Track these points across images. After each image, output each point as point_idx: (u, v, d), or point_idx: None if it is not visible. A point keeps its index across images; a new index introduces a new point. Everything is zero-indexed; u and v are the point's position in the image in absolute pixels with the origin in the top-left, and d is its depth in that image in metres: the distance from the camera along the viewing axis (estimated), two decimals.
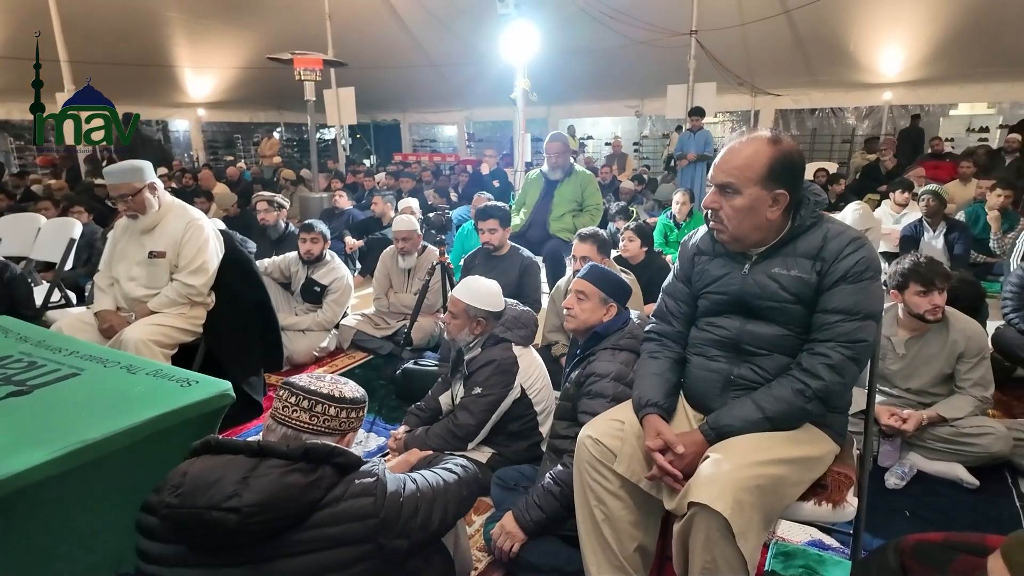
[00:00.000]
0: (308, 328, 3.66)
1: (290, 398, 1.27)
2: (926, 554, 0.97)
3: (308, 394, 1.28)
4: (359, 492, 1.18)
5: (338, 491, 1.17)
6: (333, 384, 1.32)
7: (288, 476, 1.13)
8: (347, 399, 1.32)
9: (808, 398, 1.38)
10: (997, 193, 5.13)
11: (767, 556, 1.94)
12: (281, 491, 1.11)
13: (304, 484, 1.14)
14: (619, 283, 2.04)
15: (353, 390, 1.35)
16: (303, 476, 1.14)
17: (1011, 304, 3.19)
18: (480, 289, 2.31)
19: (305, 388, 1.29)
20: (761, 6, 8.40)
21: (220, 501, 1.08)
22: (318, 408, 1.28)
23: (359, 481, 1.20)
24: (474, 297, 2.27)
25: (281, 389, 1.30)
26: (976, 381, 2.39)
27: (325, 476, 1.17)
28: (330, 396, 1.29)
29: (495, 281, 2.38)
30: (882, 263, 1.59)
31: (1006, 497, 2.26)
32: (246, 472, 1.12)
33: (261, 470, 1.13)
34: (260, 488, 1.10)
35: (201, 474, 1.13)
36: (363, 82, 9.52)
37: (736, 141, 1.46)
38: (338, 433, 1.30)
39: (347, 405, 1.31)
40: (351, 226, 5.89)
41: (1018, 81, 9.08)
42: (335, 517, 1.15)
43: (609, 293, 1.99)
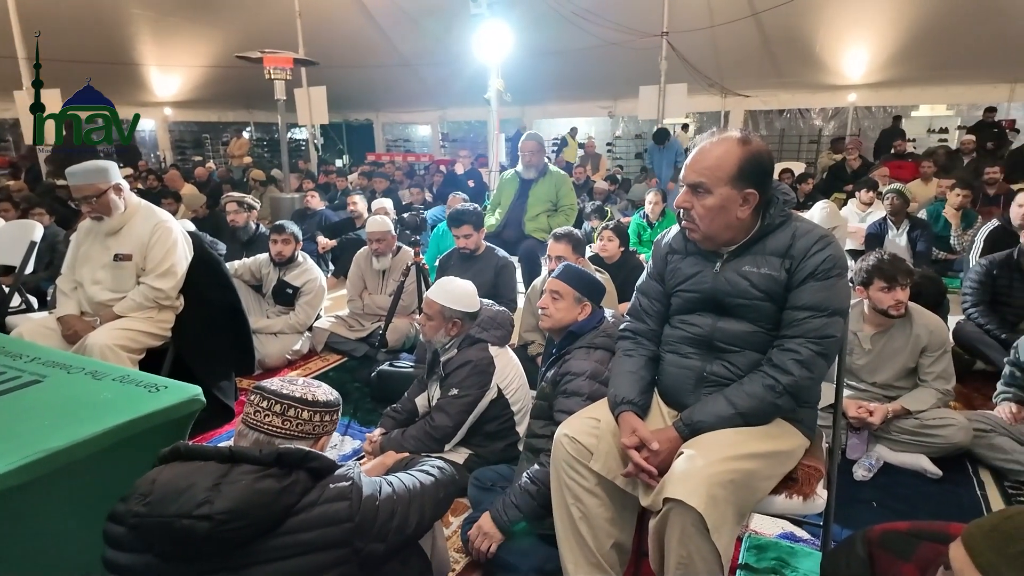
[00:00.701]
0: (280, 331, 3.60)
1: (262, 403, 1.25)
2: (892, 543, 1.00)
3: (280, 398, 1.25)
4: (334, 496, 1.16)
5: (312, 496, 1.15)
6: (306, 387, 1.30)
7: (261, 482, 1.11)
8: (320, 402, 1.29)
9: (779, 393, 1.41)
10: (956, 192, 5.30)
11: (741, 549, 1.98)
12: (253, 497, 1.09)
13: (277, 489, 1.12)
14: (593, 282, 2.05)
15: (326, 393, 1.33)
16: (276, 481, 1.12)
17: (971, 299, 3.30)
18: (455, 290, 2.30)
19: (277, 392, 1.26)
20: (730, 8, 8.54)
21: (191, 509, 1.05)
22: (291, 412, 1.25)
23: (334, 485, 1.18)
24: (449, 298, 2.27)
25: (252, 394, 1.27)
26: (938, 374, 2.46)
27: (299, 481, 1.15)
28: (303, 400, 1.27)
29: (470, 281, 2.38)
30: (848, 260, 1.63)
31: (967, 486, 2.34)
32: (217, 479, 1.10)
33: (233, 476, 1.11)
34: (232, 494, 1.08)
35: (170, 481, 1.10)
36: (335, 81, 9.41)
37: (707, 141, 1.49)
38: (312, 437, 1.28)
39: (321, 408, 1.29)
40: (324, 227, 5.82)
41: (974, 84, 9.41)
42: (310, 522, 1.13)
43: (583, 292, 2.01)
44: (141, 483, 1.12)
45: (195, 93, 12.08)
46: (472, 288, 2.35)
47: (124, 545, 1.10)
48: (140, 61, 10.52)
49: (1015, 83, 9.19)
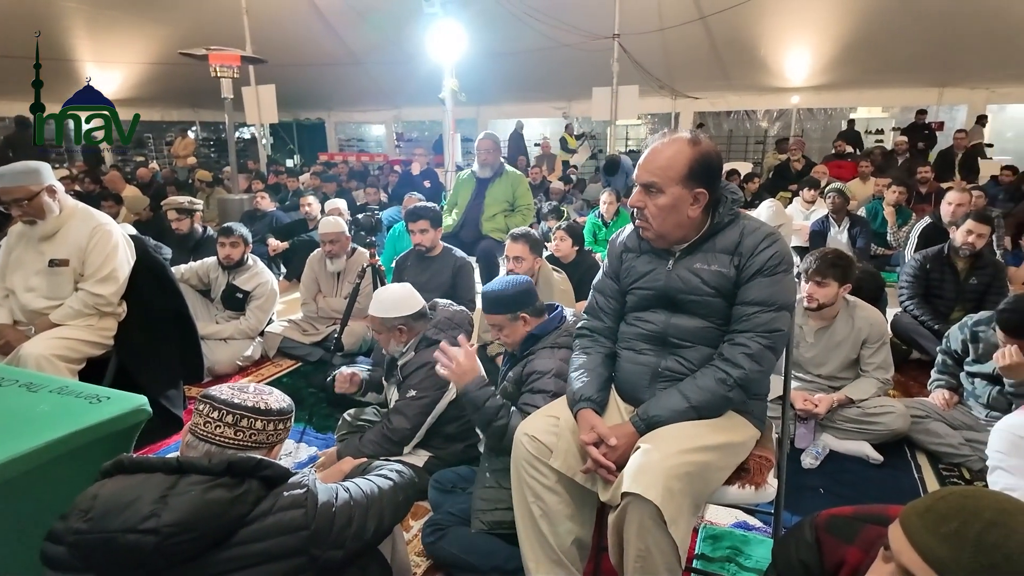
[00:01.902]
0: (230, 336, 3.50)
1: (212, 412, 1.19)
2: (837, 527, 1.04)
3: (232, 408, 1.20)
4: (288, 504, 1.14)
5: (265, 505, 1.13)
6: (258, 395, 1.25)
7: (211, 492, 1.07)
8: (274, 411, 1.25)
9: (730, 386, 1.46)
10: (893, 190, 5.58)
11: (697, 540, 2.03)
12: (203, 508, 1.05)
13: (229, 499, 1.08)
14: (513, 295, 1.96)
15: (279, 400, 1.28)
16: (227, 491, 1.09)
17: (907, 292, 3.48)
18: (388, 298, 2.26)
19: (228, 401, 1.20)
20: (679, 12, 8.74)
21: (136, 523, 1.01)
22: (244, 423, 1.20)
23: (288, 493, 1.15)
24: (384, 308, 2.22)
25: (201, 403, 1.21)
26: (879, 364, 2.59)
27: (251, 490, 1.12)
28: (256, 409, 1.22)
29: (404, 284, 2.35)
30: (794, 257, 1.70)
31: (906, 470, 2.46)
32: (164, 491, 1.06)
33: (180, 488, 1.07)
34: (180, 506, 1.04)
35: (113, 496, 1.06)
36: (285, 80, 9.19)
37: (658, 142, 1.52)
38: (265, 446, 1.24)
39: (274, 417, 1.24)
40: (275, 229, 5.67)
41: (907, 88, 9.93)
42: (263, 532, 1.10)
43: (514, 309, 1.96)
44: (82, 499, 1.07)
45: (136, 91, 11.57)
46: (407, 289, 2.31)
47: (64, 565, 1.05)
48: (75, 57, 10.02)
49: (943, 87, 9.73)
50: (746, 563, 1.92)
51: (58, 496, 1.21)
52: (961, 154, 8.26)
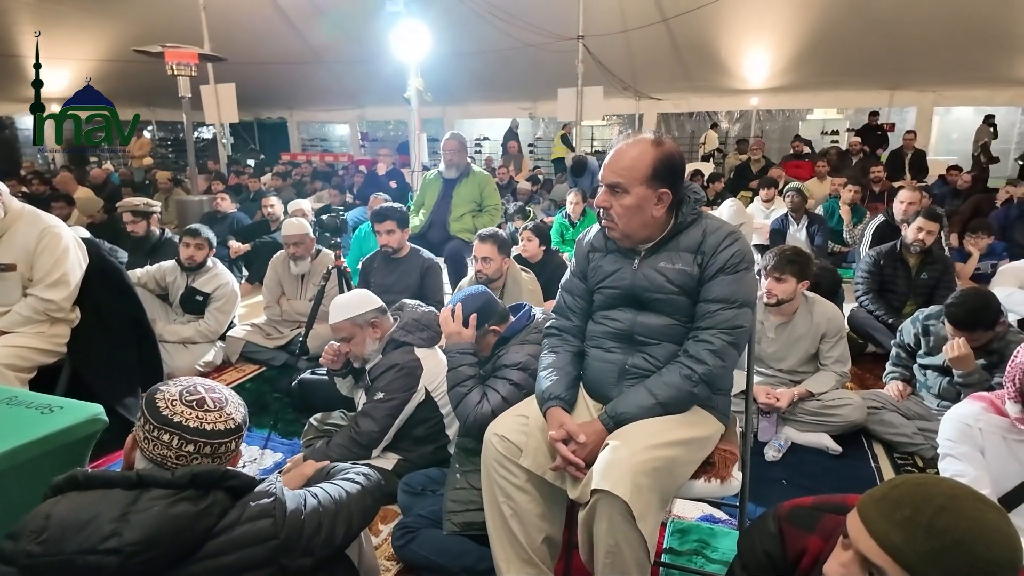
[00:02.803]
0: (190, 339, 3.40)
1: (153, 432, 1.10)
2: (798, 518, 1.07)
3: (204, 437, 1.11)
4: (256, 514, 1.10)
5: (232, 516, 1.09)
6: (219, 411, 1.15)
7: (175, 506, 1.03)
8: (220, 432, 1.13)
9: (695, 382, 1.48)
10: (848, 189, 5.77)
11: (665, 534, 2.06)
12: (168, 524, 1.01)
13: (194, 513, 1.04)
14: (477, 310, 1.93)
15: (228, 419, 1.16)
16: (192, 504, 1.04)
17: (862, 288, 3.59)
18: (349, 300, 2.25)
19: (197, 429, 1.11)
20: (642, 14, 8.86)
21: (96, 543, 0.96)
22: (189, 447, 1.11)
23: (255, 503, 1.11)
24: (350, 308, 2.21)
25: (140, 416, 1.13)
26: (836, 358, 2.67)
27: (217, 502, 1.08)
28: (226, 431, 1.13)
29: (356, 289, 2.34)
30: (755, 254, 1.74)
31: (863, 460, 2.55)
32: (124, 507, 1.01)
33: (142, 503, 1.02)
34: (143, 523, 0.99)
35: (69, 515, 1.00)
36: (245, 78, 8.99)
37: (623, 143, 1.54)
38: (233, 453, 1.19)
39: (222, 439, 1.14)
40: (236, 230, 5.55)
41: (860, 90, 10.28)
42: (232, 544, 1.07)
43: (480, 326, 1.94)
44: (32, 519, 1.01)
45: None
46: (363, 291, 2.33)
47: None
48: (22, 52, 9.61)
49: (894, 89, 10.11)
50: (713, 555, 1.96)
51: (9, 513, 1.16)
52: (911, 154, 8.59)
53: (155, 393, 1.14)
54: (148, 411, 1.11)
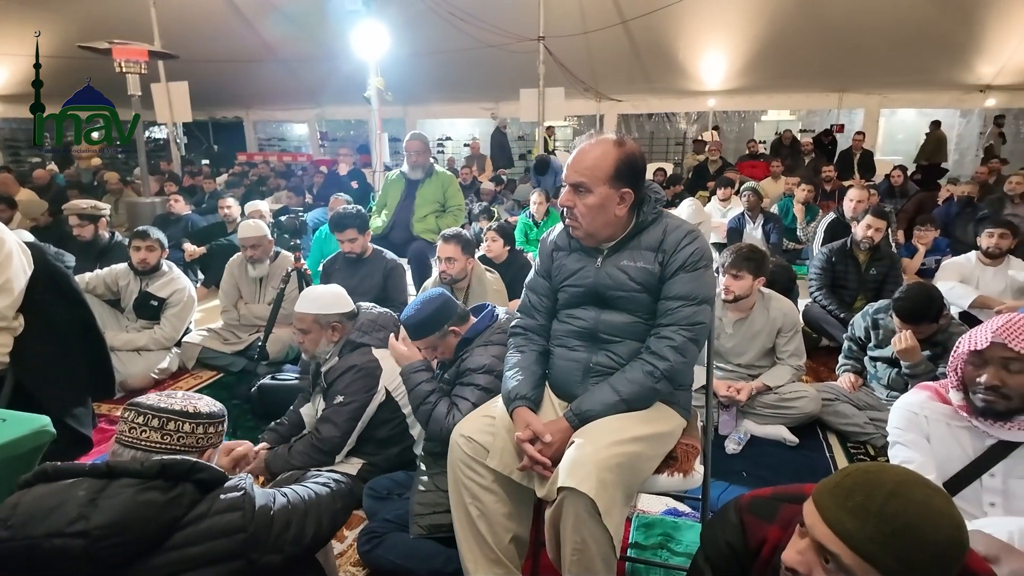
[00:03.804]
0: (144, 347, 3.29)
1: (137, 419, 1.16)
2: (758, 508, 1.10)
3: (158, 412, 1.17)
4: (225, 507, 1.12)
5: (201, 508, 1.10)
6: (186, 400, 1.23)
7: (144, 494, 1.05)
8: (204, 414, 1.23)
9: (657, 378, 1.51)
10: (802, 188, 5.96)
11: (630, 529, 2.09)
12: (135, 510, 1.02)
13: (162, 502, 1.06)
14: (433, 314, 1.93)
15: (209, 404, 1.26)
16: (160, 494, 1.06)
17: (815, 284, 3.72)
18: (323, 295, 2.22)
19: (154, 406, 1.18)
20: (601, 16, 8.96)
21: (63, 526, 0.97)
22: (171, 426, 1.17)
23: (224, 496, 1.13)
24: (320, 305, 2.18)
25: (127, 411, 1.18)
26: (792, 352, 2.75)
27: (186, 493, 1.09)
28: (184, 412, 1.19)
29: (334, 284, 2.30)
30: (713, 252, 1.78)
31: (819, 450, 2.64)
32: (93, 494, 1.02)
33: (111, 490, 1.04)
34: (111, 508, 1.01)
35: (36, 501, 1.01)
36: (198, 76, 8.73)
37: (586, 143, 1.56)
38: (196, 450, 1.21)
39: (203, 420, 1.22)
40: (191, 233, 5.38)
41: (812, 92, 10.63)
42: (199, 535, 1.08)
43: (440, 326, 1.94)
44: (1, 508, 1.02)
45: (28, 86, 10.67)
46: (339, 289, 2.28)
47: None
48: None
49: (843, 92, 10.48)
50: (677, 548, 2.00)
51: None
52: (859, 154, 8.92)
53: (138, 397, 1.22)
54: (133, 404, 1.19)
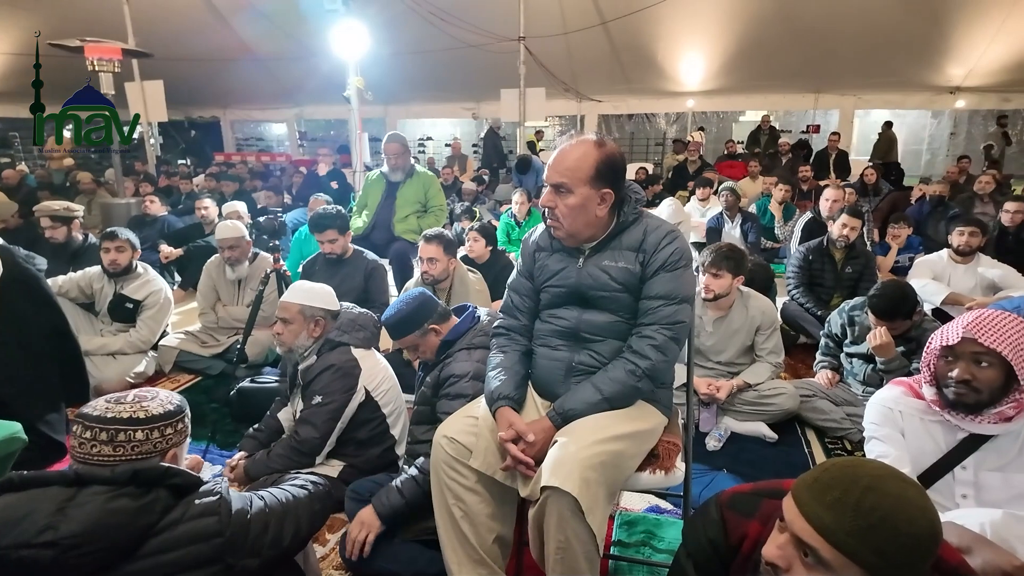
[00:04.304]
0: (119, 351, 3.23)
1: (85, 433, 1.09)
2: (738, 504, 1.12)
3: (105, 424, 1.10)
4: (200, 512, 1.10)
5: (175, 514, 1.08)
6: (135, 404, 1.15)
7: (115, 501, 1.02)
8: (156, 416, 1.15)
9: (639, 377, 1.52)
10: (779, 188, 6.04)
11: (613, 527, 2.10)
12: (106, 518, 1.00)
13: (134, 509, 1.03)
14: (413, 312, 1.94)
15: (162, 403, 1.19)
16: (132, 500, 1.04)
17: (793, 282, 3.77)
18: (313, 288, 2.22)
19: (101, 418, 1.11)
20: (581, 17, 9.01)
21: (31, 537, 0.95)
22: (121, 437, 1.10)
23: (199, 501, 1.11)
24: (308, 297, 2.17)
25: (75, 424, 1.12)
26: (771, 349, 2.79)
27: (159, 499, 1.07)
28: (133, 419, 1.12)
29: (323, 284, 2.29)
30: (693, 252, 1.80)
31: (797, 446, 2.68)
32: (62, 503, 1.00)
33: (81, 499, 1.01)
34: (81, 517, 0.98)
35: (3, 512, 0.99)
36: (174, 75, 8.59)
37: (567, 144, 1.57)
38: (156, 455, 1.15)
39: (157, 423, 1.15)
40: (167, 235, 5.29)
41: (788, 93, 10.80)
42: (174, 541, 1.06)
43: (420, 324, 1.95)
44: None
45: None
46: (330, 289, 2.27)
47: None
48: None
49: (818, 93, 10.67)
50: (659, 545, 2.02)
51: None
52: (835, 155, 9.08)
53: (85, 406, 1.15)
54: (80, 416, 1.12)
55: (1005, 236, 4.38)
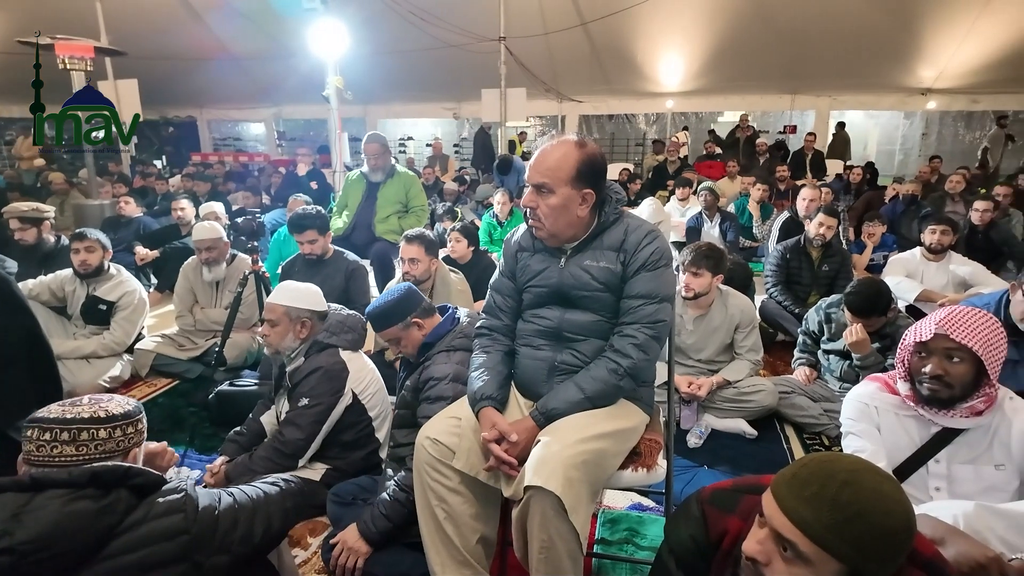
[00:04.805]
0: (93, 353, 3.16)
1: (44, 435, 1.09)
2: (719, 500, 1.13)
3: (67, 424, 1.10)
4: (164, 511, 1.08)
5: (138, 514, 1.06)
6: (94, 404, 1.16)
7: (73, 504, 1.00)
8: (118, 415, 1.16)
9: (621, 375, 1.53)
10: (757, 188, 6.12)
11: (596, 525, 2.11)
12: (65, 522, 0.98)
13: (94, 511, 1.01)
14: (397, 304, 1.94)
15: (121, 404, 1.19)
16: (92, 502, 1.02)
17: (771, 280, 3.82)
18: (299, 289, 2.19)
19: (60, 419, 1.11)
20: (561, 17, 9.04)
21: None
22: (84, 435, 1.10)
23: (163, 500, 1.10)
24: (294, 298, 2.15)
25: (28, 428, 1.11)
26: (750, 347, 2.83)
27: (120, 499, 1.05)
28: (95, 418, 1.12)
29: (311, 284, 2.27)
30: (673, 251, 1.81)
31: (776, 442, 2.71)
32: (15, 509, 0.98)
33: (36, 503, 0.99)
34: (37, 522, 0.97)
35: None
36: (149, 74, 8.42)
37: (547, 144, 1.57)
38: (119, 454, 1.15)
39: (119, 422, 1.16)
40: (143, 236, 5.19)
41: (765, 94, 10.95)
42: (138, 541, 1.04)
43: (403, 317, 1.94)
44: None
45: None
46: (317, 289, 2.25)
47: None
48: None
49: (795, 94, 10.84)
50: (642, 543, 2.03)
51: None
52: (811, 155, 9.22)
53: (37, 411, 1.14)
54: (34, 420, 1.12)
55: (975, 234, 4.49)
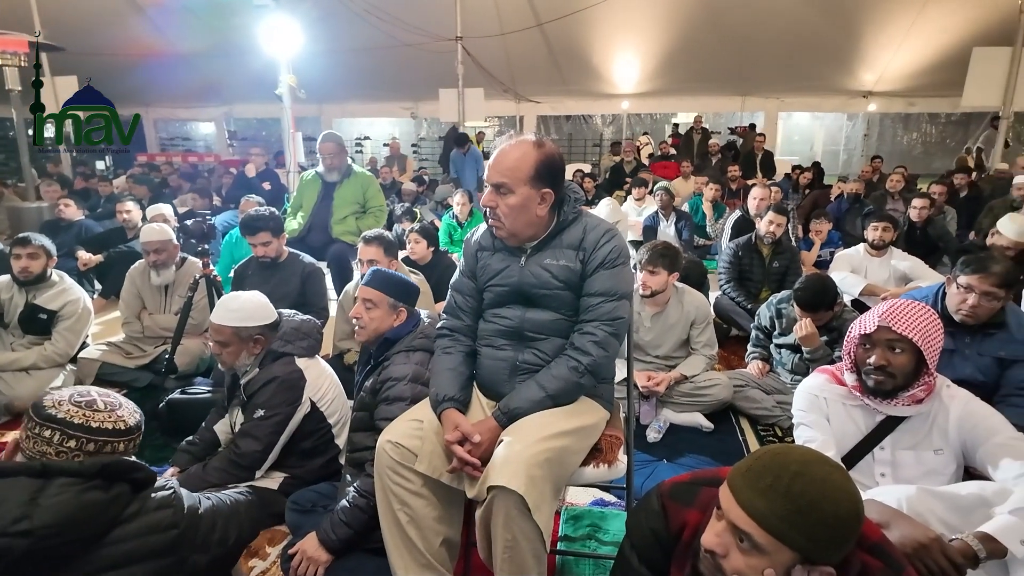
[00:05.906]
0: (33, 366, 3.00)
1: (69, 442, 1.14)
2: (678, 493, 1.16)
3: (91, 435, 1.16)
4: (157, 505, 1.17)
5: (134, 507, 1.14)
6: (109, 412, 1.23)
7: (87, 494, 1.07)
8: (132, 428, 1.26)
9: (581, 373, 1.55)
10: (710, 187, 6.28)
11: (559, 522, 2.13)
12: (80, 510, 1.06)
13: (105, 501, 1.09)
14: (406, 285, 1.99)
15: (131, 413, 1.29)
16: (103, 493, 1.10)
17: (724, 277, 3.93)
18: (243, 306, 2.07)
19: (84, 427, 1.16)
20: (518, 18, 9.08)
21: (6, 526, 0.99)
22: (107, 448, 1.17)
23: (155, 495, 1.18)
24: (240, 317, 2.04)
25: (45, 428, 1.14)
26: (705, 342, 2.90)
27: (123, 493, 1.13)
28: (116, 431, 1.20)
29: (256, 291, 2.18)
30: (631, 250, 1.84)
31: (732, 434, 2.79)
32: (32, 493, 1.04)
33: (52, 490, 1.05)
34: (55, 507, 1.03)
35: None
36: (90, 71, 8.01)
37: (506, 144, 1.57)
38: None
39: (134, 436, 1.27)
40: (85, 240, 4.96)
41: (716, 96, 11.26)
42: (132, 532, 1.12)
43: (398, 297, 1.95)
44: None
45: None
46: (261, 297, 2.15)
47: None
48: None
49: (745, 96, 11.17)
50: (605, 538, 2.05)
51: None
52: (761, 155, 9.51)
53: (44, 396, 1.18)
54: (33, 411, 1.16)
55: (914, 230, 4.71)
